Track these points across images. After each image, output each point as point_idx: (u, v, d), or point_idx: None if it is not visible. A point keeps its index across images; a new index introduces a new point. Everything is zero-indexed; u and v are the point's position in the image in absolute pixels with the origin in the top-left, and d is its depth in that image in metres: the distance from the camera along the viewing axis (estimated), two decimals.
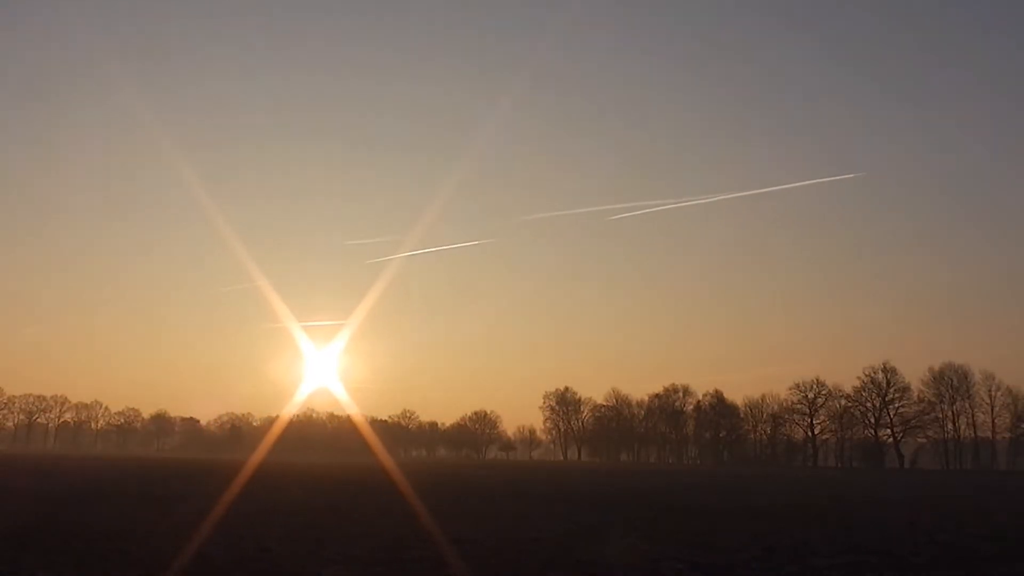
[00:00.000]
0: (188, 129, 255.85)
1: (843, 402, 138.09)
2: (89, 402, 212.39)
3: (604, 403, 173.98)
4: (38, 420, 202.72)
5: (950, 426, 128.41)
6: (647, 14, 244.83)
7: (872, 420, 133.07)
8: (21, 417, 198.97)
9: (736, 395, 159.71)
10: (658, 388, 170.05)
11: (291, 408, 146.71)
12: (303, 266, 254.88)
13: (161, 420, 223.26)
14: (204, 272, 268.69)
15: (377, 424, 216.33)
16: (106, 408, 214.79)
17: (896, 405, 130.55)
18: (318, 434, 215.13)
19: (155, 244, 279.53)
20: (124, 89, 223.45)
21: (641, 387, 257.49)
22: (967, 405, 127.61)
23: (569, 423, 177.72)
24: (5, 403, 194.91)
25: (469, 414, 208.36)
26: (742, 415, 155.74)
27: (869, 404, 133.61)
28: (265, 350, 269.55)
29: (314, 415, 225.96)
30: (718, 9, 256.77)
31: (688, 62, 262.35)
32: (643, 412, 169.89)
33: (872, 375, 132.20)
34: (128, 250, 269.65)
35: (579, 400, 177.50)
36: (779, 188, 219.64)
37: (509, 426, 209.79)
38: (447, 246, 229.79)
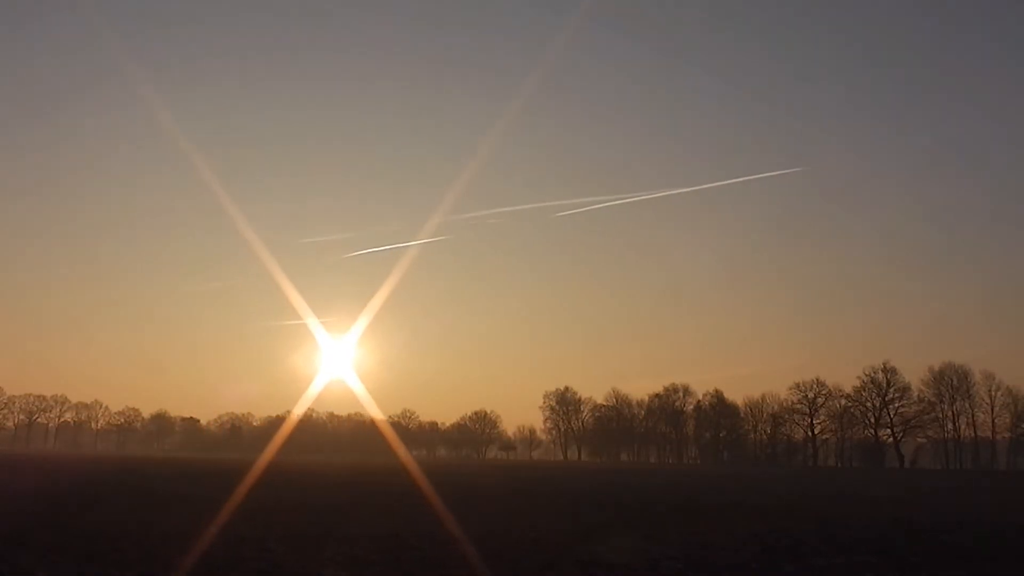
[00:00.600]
0: (201, 128, 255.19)
1: (843, 402, 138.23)
2: (89, 402, 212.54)
3: (604, 403, 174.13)
4: (38, 420, 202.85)
5: (950, 426, 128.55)
6: (590, 16, 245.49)
7: (872, 420, 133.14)
8: (21, 417, 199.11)
9: (722, 392, 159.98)
10: (658, 388, 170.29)
11: (302, 405, 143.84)
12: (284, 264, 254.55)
13: (161, 420, 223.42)
14: (205, 271, 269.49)
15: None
16: (106, 408, 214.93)
17: (896, 405, 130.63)
18: (318, 434, 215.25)
19: (154, 243, 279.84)
20: (141, 89, 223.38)
21: (640, 387, 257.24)
22: (967, 405, 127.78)
23: (569, 423, 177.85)
24: (5, 403, 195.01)
25: (469, 414, 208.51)
26: (742, 415, 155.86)
27: (869, 404, 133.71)
28: (266, 348, 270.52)
29: (314, 415, 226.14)
30: (656, 9, 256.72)
31: (631, 63, 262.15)
32: (643, 412, 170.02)
33: (872, 375, 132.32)
34: (126, 249, 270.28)
35: (579, 400, 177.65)
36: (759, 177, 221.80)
37: (509, 426, 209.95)
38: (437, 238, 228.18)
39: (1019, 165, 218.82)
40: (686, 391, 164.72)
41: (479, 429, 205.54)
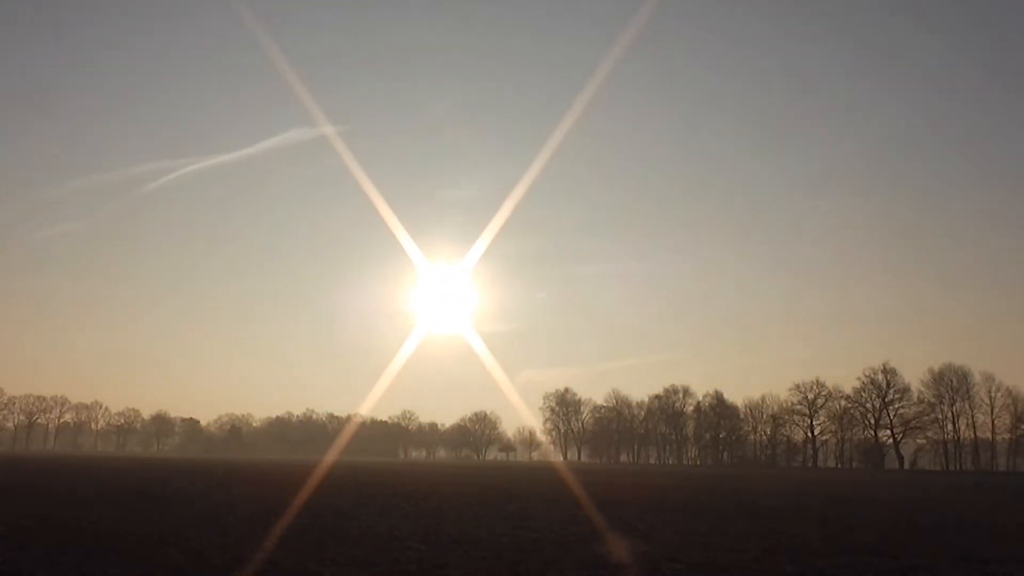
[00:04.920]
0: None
1: (843, 403, 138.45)
2: (89, 402, 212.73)
3: (604, 404, 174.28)
4: (38, 420, 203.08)
5: (950, 427, 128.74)
6: None
7: (872, 421, 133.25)
8: (21, 417, 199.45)
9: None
10: (657, 389, 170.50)
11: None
12: None
13: (161, 420, 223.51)
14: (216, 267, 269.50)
15: (377, 425, 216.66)
16: (106, 408, 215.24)
17: (896, 406, 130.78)
18: (319, 434, 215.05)
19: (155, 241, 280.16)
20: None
21: (640, 387, 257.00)
22: (967, 406, 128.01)
23: (569, 424, 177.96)
24: (5, 403, 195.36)
25: (469, 415, 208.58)
26: (742, 416, 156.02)
27: (869, 405, 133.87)
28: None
29: (314, 416, 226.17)
30: None
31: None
32: (643, 413, 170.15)
33: (872, 376, 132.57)
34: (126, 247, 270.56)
35: (579, 401, 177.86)
36: None
37: (509, 427, 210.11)
38: None
39: (1019, 164, 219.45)
40: (686, 392, 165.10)
41: (479, 430, 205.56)
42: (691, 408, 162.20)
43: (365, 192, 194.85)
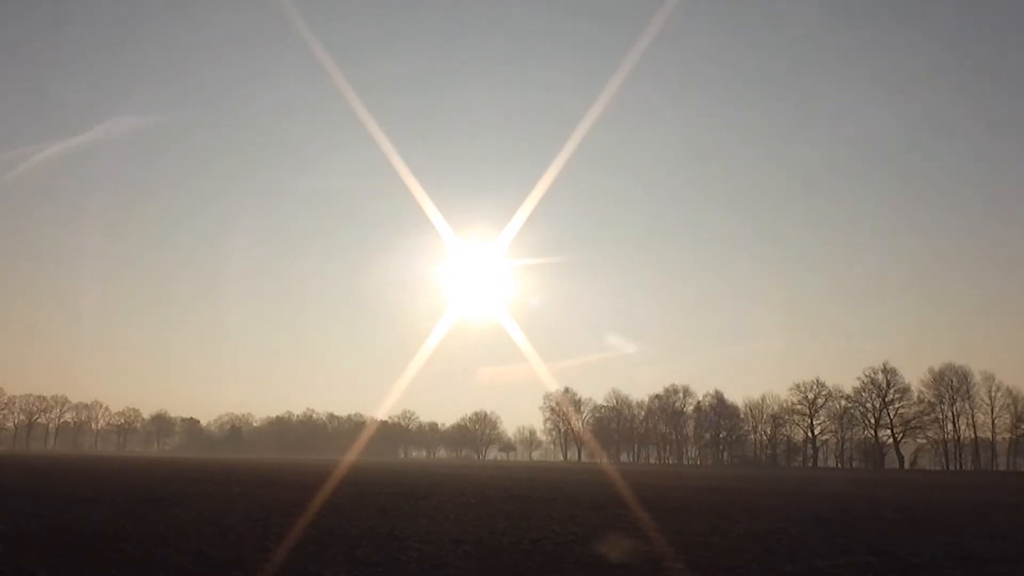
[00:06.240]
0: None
1: (843, 402, 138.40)
2: (89, 402, 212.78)
3: (604, 403, 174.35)
4: (38, 420, 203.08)
5: (950, 427, 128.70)
6: None
7: (872, 421, 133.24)
8: (21, 417, 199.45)
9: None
10: (658, 388, 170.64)
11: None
12: None
13: (161, 420, 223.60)
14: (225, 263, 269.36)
15: (377, 425, 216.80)
16: (106, 408, 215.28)
17: (896, 406, 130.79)
18: (319, 434, 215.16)
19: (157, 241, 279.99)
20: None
21: (641, 387, 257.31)
22: (967, 406, 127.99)
23: (569, 424, 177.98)
24: (5, 403, 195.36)
25: (469, 415, 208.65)
26: (742, 415, 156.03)
27: (869, 404, 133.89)
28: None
29: (314, 415, 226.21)
30: None
31: None
32: (643, 412, 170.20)
33: (872, 375, 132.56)
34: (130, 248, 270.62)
35: (579, 400, 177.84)
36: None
37: (509, 427, 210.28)
38: None
39: (1021, 163, 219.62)
40: (686, 392, 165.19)
41: (479, 430, 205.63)
42: (691, 408, 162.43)
43: (399, 174, 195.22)
